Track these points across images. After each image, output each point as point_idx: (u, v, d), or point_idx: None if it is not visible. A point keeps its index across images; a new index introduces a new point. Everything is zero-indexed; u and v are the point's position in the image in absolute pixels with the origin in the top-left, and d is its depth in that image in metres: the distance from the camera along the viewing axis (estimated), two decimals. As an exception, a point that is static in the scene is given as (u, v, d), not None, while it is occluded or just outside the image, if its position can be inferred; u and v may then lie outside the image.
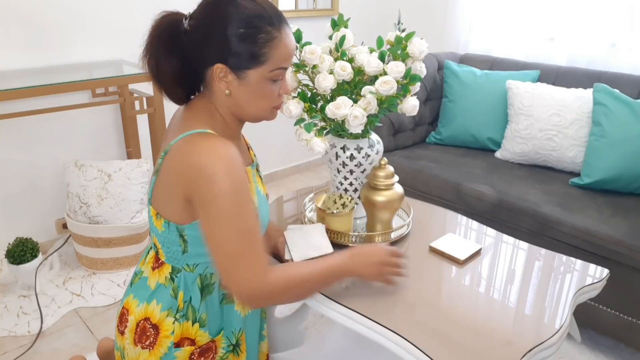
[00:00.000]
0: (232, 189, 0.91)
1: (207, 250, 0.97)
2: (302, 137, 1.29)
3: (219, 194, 0.91)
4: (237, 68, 0.97)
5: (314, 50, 1.29)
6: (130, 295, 1.10)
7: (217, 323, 1.10)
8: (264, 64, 0.97)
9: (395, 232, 1.39)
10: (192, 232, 1.00)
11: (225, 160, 0.91)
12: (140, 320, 1.07)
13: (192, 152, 0.93)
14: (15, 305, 2.10)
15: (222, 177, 0.90)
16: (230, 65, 0.97)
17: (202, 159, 0.91)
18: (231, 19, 0.94)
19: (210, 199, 0.91)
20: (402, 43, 1.32)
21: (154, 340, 1.05)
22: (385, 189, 1.32)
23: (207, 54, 0.97)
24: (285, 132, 3.28)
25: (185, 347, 1.06)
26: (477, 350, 1.00)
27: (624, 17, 2.50)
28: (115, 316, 1.16)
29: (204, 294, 1.06)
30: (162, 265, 1.07)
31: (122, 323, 1.10)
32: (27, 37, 2.23)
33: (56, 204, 2.49)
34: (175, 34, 0.99)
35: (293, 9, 3.16)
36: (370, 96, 1.26)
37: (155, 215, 1.03)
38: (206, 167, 0.90)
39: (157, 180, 1.00)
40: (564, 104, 2.25)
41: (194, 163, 0.91)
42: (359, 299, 1.14)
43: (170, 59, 1.00)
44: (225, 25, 0.94)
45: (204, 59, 0.98)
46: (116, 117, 2.60)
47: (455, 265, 1.29)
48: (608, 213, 1.91)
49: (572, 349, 1.91)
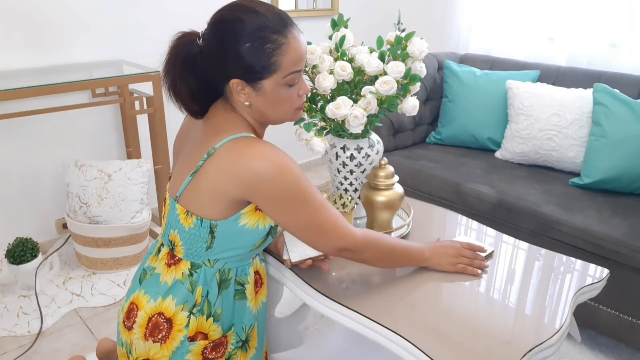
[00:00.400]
0: (293, 181, 0.99)
1: (232, 244, 1.06)
2: (302, 137, 1.29)
3: (284, 190, 0.98)
4: (252, 80, 1.01)
5: (314, 50, 1.29)
6: (141, 292, 1.11)
7: (229, 318, 1.13)
8: (275, 72, 1.00)
9: (396, 232, 1.39)
10: (224, 227, 1.04)
11: (279, 158, 0.98)
12: (153, 315, 1.09)
13: (246, 155, 0.98)
14: (15, 305, 2.10)
15: (283, 174, 0.97)
16: (245, 79, 1.01)
17: (261, 163, 0.97)
18: (238, 35, 0.98)
19: (279, 195, 0.99)
20: (402, 43, 1.32)
21: (166, 334, 1.08)
22: (386, 189, 1.33)
23: (223, 71, 1.02)
24: (285, 132, 3.27)
25: (199, 341, 1.09)
26: (477, 350, 1.00)
27: (624, 17, 2.50)
28: (120, 312, 1.16)
29: (221, 288, 1.10)
30: (178, 262, 1.10)
31: (129, 318, 1.11)
32: (27, 37, 2.23)
33: (56, 204, 2.49)
34: (191, 54, 1.04)
35: (293, 9, 3.16)
36: (370, 96, 1.26)
37: (185, 213, 1.06)
38: (267, 170, 0.97)
39: (194, 180, 1.04)
40: (564, 104, 2.25)
41: (251, 166, 0.97)
42: (359, 299, 1.14)
43: (187, 77, 1.05)
44: (233, 43, 0.98)
45: (220, 76, 1.03)
46: (116, 117, 2.60)
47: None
48: (608, 213, 1.91)
49: (572, 349, 1.91)
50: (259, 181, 0.97)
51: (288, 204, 1.00)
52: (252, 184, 0.98)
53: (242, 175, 0.98)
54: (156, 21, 2.55)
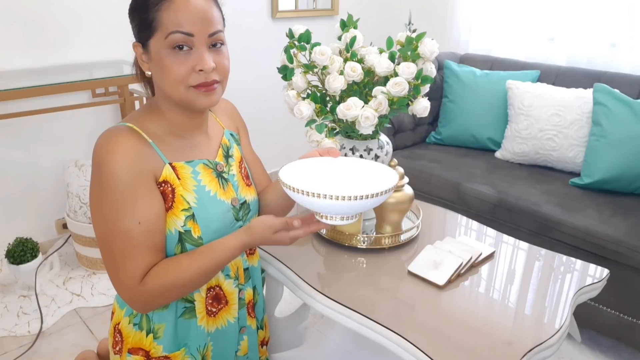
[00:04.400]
0: (112, 188, 0.87)
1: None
2: (313, 139, 1.29)
3: (100, 192, 0.89)
4: (140, 40, 0.93)
5: (325, 51, 1.28)
6: (118, 297, 1.08)
7: (173, 338, 1.01)
8: (156, 29, 0.89)
9: (405, 234, 1.38)
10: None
11: (114, 157, 0.87)
12: (116, 324, 1.06)
13: (95, 148, 0.90)
14: (15, 305, 2.10)
15: (101, 171, 0.88)
16: (139, 39, 0.93)
17: (97, 152, 0.89)
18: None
19: (94, 194, 0.90)
20: (413, 44, 1.31)
21: (121, 347, 1.04)
22: (395, 190, 1.32)
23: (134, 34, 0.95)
24: (285, 132, 3.28)
25: (138, 356, 1.01)
26: (477, 350, 1.00)
27: (624, 17, 2.50)
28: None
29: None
30: None
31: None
32: (27, 37, 2.23)
33: (56, 204, 2.49)
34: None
35: (293, 9, 3.16)
36: (381, 97, 1.26)
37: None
38: (96, 162, 0.88)
39: None
40: (564, 104, 2.25)
41: (94, 158, 0.90)
42: (358, 299, 1.14)
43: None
44: (131, 2, 0.93)
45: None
46: (116, 117, 2.60)
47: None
48: (608, 213, 1.91)
49: (572, 349, 1.91)
50: (93, 169, 0.90)
51: (96, 206, 0.90)
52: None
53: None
54: (156, 21, 2.55)
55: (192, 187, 0.97)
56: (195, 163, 1.00)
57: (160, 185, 0.94)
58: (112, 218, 0.88)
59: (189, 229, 0.95)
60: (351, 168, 1.05)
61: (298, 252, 1.34)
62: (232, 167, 1.08)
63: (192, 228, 0.95)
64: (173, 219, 0.94)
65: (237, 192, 1.06)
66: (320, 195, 0.88)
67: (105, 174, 0.87)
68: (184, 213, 0.95)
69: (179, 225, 0.94)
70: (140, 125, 0.95)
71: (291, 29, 1.31)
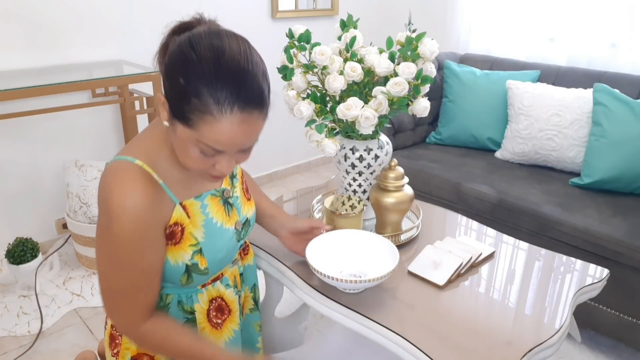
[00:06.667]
0: (121, 240, 0.86)
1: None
2: (313, 139, 1.28)
3: (107, 238, 0.88)
4: (172, 110, 0.84)
5: (324, 51, 1.27)
6: None
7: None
8: (190, 127, 0.81)
9: (405, 234, 1.38)
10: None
11: (124, 210, 0.85)
12: (113, 326, 1.06)
13: (103, 187, 0.87)
14: (15, 305, 2.10)
15: (116, 224, 0.85)
16: (168, 103, 0.85)
17: (106, 196, 0.86)
18: (181, 57, 0.81)
19: (101, 235, 0.89)
20: (413, 43, 1.31)
21: (119, 351, 1.04)
22: (395, 190, 1.32)
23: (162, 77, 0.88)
24: (285, 132, 3.28)
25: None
26: (477, 350, 1.00)
27: (624, 17, 2.50)
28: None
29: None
30: None
31: (106, 326, 1.10)
32: (27, 37, 2.23)
33: (56, 204, 2.49)
34: (164, 42, 0.93)
35: (293, 9, 3.16)
36: (381, 97, 1.26)
37: None
38: (105, 206, 0.86)
39: None
40: (564, 104, 2.25)
41: (102, 199, 0.87)
42: (358, 299, 1.14)
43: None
44: (174, 62, 0.82)
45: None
46: (116, 117, 2.60)
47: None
48: (608, 213, 1.91)
49: (572, 349, 1.91)
50: (100, 211, 0.88)
51: (98, 241, 0.90)
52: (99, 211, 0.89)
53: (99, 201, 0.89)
54: (156, 21, 2.55)
55: (201, 222, 0.97)
56: (204, 196, 0.99)
57: (171, 227, 0.93)
58: (117, 261, 0.89)
59: (196, 262, 0.96)
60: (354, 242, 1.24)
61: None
62: (236, 188, 1.09)
63: (199, 261, 0.96)
64: (180, 253, 0.94)
65: (240, 212, 1.07)
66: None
67: (114, 224, 0.85)
68: (191, 248, 0.95)
69: (187, 259, 0.95)
70: (151, 161, 0.90)
71: (291, 29, 1.31)
